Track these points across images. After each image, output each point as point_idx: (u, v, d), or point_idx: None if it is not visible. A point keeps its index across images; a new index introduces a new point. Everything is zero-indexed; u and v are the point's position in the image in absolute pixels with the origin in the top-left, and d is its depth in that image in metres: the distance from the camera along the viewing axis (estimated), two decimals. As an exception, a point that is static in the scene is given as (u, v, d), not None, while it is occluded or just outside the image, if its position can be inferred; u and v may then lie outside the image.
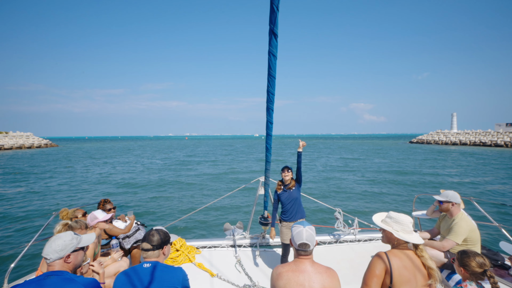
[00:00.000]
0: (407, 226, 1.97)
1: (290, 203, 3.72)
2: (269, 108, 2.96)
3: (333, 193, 15.49)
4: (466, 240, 3.04)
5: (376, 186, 17.29)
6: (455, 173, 21.46)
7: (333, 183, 18.44)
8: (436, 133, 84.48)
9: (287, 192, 3.75)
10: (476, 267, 2.00)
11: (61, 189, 16.14)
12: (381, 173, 22.07)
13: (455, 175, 20.52)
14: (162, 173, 22.69)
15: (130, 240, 3.78)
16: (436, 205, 3.68)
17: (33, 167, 27.14)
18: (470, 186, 16.19)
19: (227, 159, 36.88)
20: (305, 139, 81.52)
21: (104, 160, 36.21)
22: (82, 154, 47.96)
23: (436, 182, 18.09)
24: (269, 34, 2.34)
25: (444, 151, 46.94)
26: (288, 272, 1.80)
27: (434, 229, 3.59)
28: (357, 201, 13.55)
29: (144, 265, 1.80)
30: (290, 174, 3.79)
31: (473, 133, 73.55)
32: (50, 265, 1.68)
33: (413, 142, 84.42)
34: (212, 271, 3.84)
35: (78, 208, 3.35)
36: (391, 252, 1.94)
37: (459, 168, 24.42)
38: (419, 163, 28.59)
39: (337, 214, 5.05)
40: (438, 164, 28.11)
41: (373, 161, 31.94)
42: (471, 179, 18.78)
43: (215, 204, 5.80)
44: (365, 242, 4.79)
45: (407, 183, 17.82)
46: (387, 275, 1.84)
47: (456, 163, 29.00)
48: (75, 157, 40.41)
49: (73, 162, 32.78)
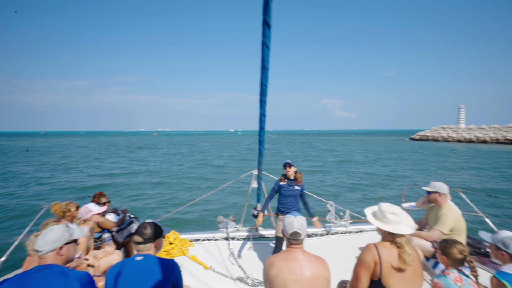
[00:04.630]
0: (385, 217, 1.97)
1: (290, 198, 3.74)
2: (262, 100, 2.94)
3: (326, 186, 15.72)
4: (452, 230, 3.15)
5: (370, 179, 17.59)
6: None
7: (328, 177, 18.68)
8: (443, 129, 73.61)
9: (291, 187, 3.76)
10: (457, 254, 2.07)
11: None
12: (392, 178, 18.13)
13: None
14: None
15: (124, 233, 3.77)
16: (426, 197, 3.79)
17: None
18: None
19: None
20: (281, 134, 73.17)
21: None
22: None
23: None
24: (262, 24, 2.31)
25: (477, 150, 40.04)
26: (280, 261, 1.84)
27: (423, 220, 3.70)
28: (349, 193, 13.78)
29: (137, 257, 1.81)
30: (293, 169, 3.76)
31: (491, 128, 60.81)
32: (42, 258, 1.66)
33: (415, 139, 74.22)
34: (205, 264, 3.87)
35: (71, 202, 3.30)
36: (381, 243, 1.96)
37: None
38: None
39: (328, 206, 5.13)
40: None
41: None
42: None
43: (208, 197, 5.84)
44: (356, 234, 4.89)
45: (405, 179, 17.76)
46: (377, 266, 1.86)
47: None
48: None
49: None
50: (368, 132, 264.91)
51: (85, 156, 34.12)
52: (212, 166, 24.90)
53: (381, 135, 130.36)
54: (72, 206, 3.14)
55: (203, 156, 35.08)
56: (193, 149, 47.34)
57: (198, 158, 32.41)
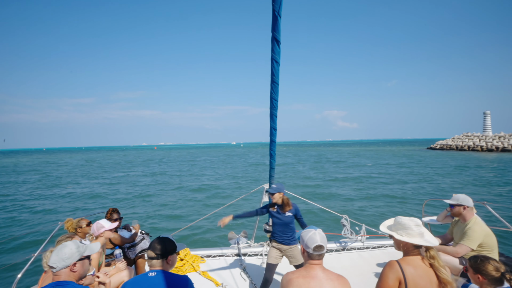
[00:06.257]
0: (410, 229, 1.85)
1: (280, 226, 3.32)
2: (273, 114, 2.93)
3: (339, 200, 15.31)
4: (481, 246, 2.93)
5: (386, 192, 17.04)
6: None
7: (339, 190, 18.25)
8: (467, 137, 67.87)
9: (280, 215, 3.33)
10: (494, 271, 1.91)
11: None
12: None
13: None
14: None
15: (136, 249, 3.72)
16: (448, 210, 3.59)
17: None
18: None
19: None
20: (281, 146, 70.25)
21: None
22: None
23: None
24: (272, 41, 2.34)
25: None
26: (299, 278, 1.74)
27: (447, 235, 3.48)
28: (364, 208, 13.36)
29: (150, 273, 1.76)
30: (277, 195, 3.27)
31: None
32: (56, 275, 1.64)
33: (435, 148, 70.32)
34: (217, 280, 3.77)
35: (83, 218, 3.30)
36: (404, 260, 1.84)
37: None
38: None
39: (343, 221, 4.95)
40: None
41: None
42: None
43: (218, 212, 5.77)
44: (373, 249, 4.67)
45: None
46: (401, 285, 1.74)
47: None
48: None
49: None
50: (371, 142, 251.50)
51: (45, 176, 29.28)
52: (220, 181, 24.80)
53: (391, 146, 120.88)
54: (84, 222, 3.14)
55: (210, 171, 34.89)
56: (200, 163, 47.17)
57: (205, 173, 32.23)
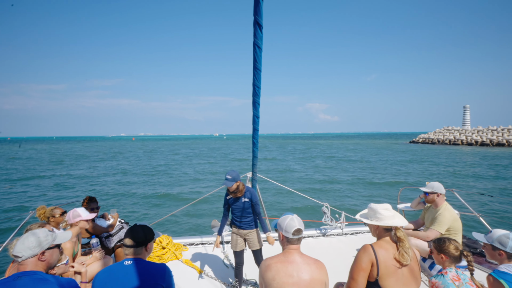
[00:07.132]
0: (379, 213, 1.94)
1: (238, 211, 3.28)
2: (255, 102, 2.89)
3: (321, 188, 15.72)
4: (448, 230, 3.13)
5: (365, 182, 17.66)
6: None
7: (321, 179, 18.71)
8: (448, 131, 67.84)
9: (237, 201, 3.27)
10: (454, 250, 2.08)
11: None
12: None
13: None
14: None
15: (114, 238, 3.65)
16: (422, 197, 3.77)
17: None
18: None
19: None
20: (265, 138, 67.89)
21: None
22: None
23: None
24: (254, 25, 2.26)
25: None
26: (277, 263, 1.78)
27: (419, 220, 3.68)
28: (345, 196, 13.80)
29: (125, 262, 1.71)
30: (236, 184, 3.15)
31: (505, 130, 54.97)
32: (22, 264, 1.54)
33: (418, 142, 69.86)
34: (199, 268, 3.79)
35: (57, 207, 3.16)
36: (377, 243, 1.93)
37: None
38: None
39: (324, 208, 5.10)
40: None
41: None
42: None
43: (202, 201, 5.71)
44: (352, 235, 4.86)
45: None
46: (374, 267, 1.82)
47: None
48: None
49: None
50: (353, 136, 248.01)
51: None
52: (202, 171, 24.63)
53: (374, 139, 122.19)
54: (58, 211, 3.01)
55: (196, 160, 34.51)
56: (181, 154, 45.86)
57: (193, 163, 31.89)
